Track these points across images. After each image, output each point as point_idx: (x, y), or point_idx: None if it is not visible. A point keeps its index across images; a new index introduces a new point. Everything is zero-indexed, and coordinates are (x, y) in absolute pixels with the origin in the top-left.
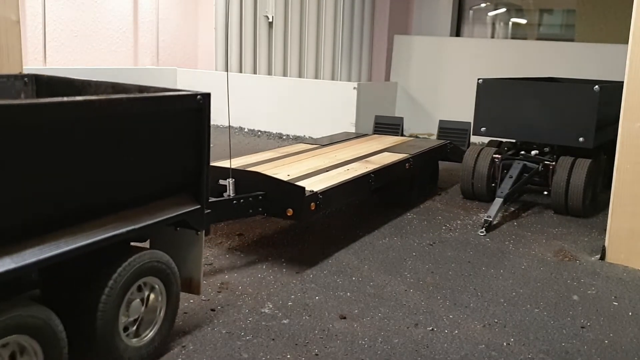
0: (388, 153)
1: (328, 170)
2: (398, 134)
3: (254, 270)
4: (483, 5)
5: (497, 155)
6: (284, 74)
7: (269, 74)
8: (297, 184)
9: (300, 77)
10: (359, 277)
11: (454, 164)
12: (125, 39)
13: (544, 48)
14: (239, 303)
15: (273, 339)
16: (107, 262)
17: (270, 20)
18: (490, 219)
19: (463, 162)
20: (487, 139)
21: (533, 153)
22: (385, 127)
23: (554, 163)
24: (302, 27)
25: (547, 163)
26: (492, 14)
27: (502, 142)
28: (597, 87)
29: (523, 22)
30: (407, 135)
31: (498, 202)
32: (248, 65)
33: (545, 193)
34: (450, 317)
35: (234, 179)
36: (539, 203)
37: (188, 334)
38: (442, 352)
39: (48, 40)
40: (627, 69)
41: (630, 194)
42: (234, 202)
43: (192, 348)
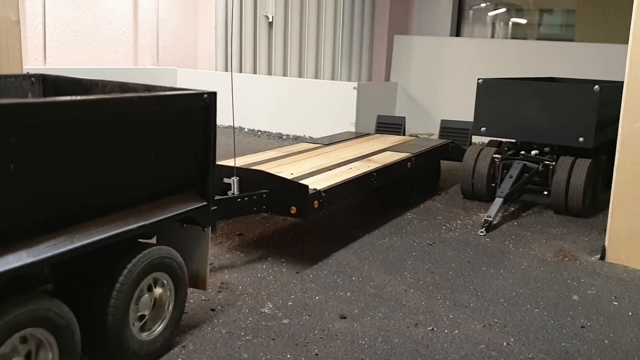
0: (390, 152)
1: (331, 169)
2: (400, 134)
3: (254, 270)
4: (483, 5)
5: (497, 155)
6: (284, 74)
7: (269, 74)
8: (300, 182)
9: (300, 77)
10: (359, 277)
11: (454, 164)
12: (125, 39)
13: (544, 48)
14: (239, 303)
15: (273, 339)
16: (117, 257)
17: (270, 20)
18: (490, 219)
19: (463, 162)
20: (487, 139)
21: (533, 153)
22: (388, 126)
23: (554, 163)
24: (302, 27)
25: (547, 163)
26: (492, 14)
27: (502, 142)
28: (597, 87)
29: (523, 22)
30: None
31: (498, 202)
32: (248, 65)
33: (545, 193)
34: (450, 317)
35: (239, 177)
36: (539, 203)
37: (188, 334)
38: (442, 352)
39: (48, 40)
40: (627, 69)
41: (630, 194)
42: (239, 200)
43: (192, 348)
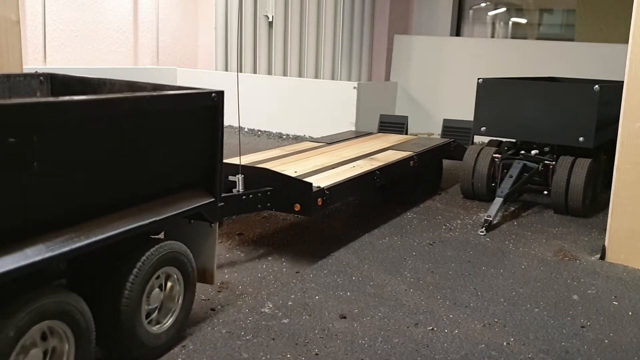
0: (393, 151)
1: (334, 168)
2: (403, 133)
3: (254, 270)
4: (483, 5)
5: (497, 155)
6: (284, 74)
7: (269, 74)
8: (304, 180)
9: (300, 77)
10: (359, 276)
11: (454, 164)
12: (125, 39)
13: (544, 48)
14: (239, 302)
15: (273, 339)
16: (130, 252)
17: (270, 20)
18: (490, 219)
19: (463, 161)
20: (487, 139)
21: (533, 153)
22: (390, 125)
23: (554, 163)
24: (302, 27)
25: (547, 163)
26: (492, 14)
27: (502, 141)
28: (597, 87)
29: (523, 21)
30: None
31: (498, 201)
32: (248, 65)
33: (545, 193)
34: (450, 316)
35: (243, 175)
36: (539, 203)
37: (188, 334)
38: (442, 351)
39: (48, 40)
40: (627, 69)
41: (630, 194)
42: (244, 197)
43: (192, 348)
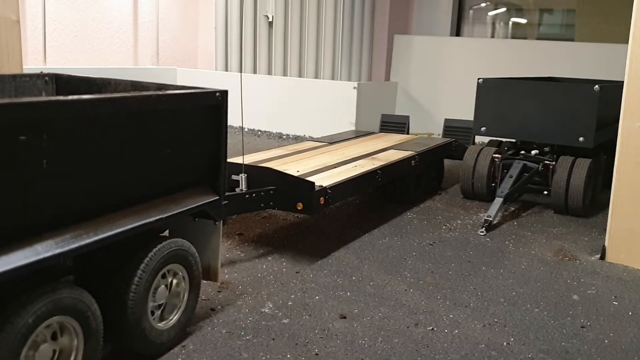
0: (394, 150)
1: (336, 167)
2: (404, 132)
3: (254, 270)
4: (483, 5)
5: (497, 155)
6: (284, 74)
7: (269, 74)
8: (306, 179)
9: (300, 77)
10: (359, 276)
11: (454, 164)
12: (125, 39)
13: (544, 48)
14: (239, 302)
15: (273, 339)
16: (137, 249)
17: (270, 20)
18: (490, 219)
19: (463, 161)
20: (488, 138)
21: (533, 153)
22: (391, 125)
23: (554, 163)
24: (302, 27)
25: (547, 163)
26: (492, 14)
27: (502, 141)
28: (597, 87)
29: (523, 21)
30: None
31: (498, 201)
32: (248, 65)
33: (545, 193)
34: (450, 316)
35: (246, 174)
36: (539, 203)
37: (188, 334)
38: (442, 351)
39: (48, 40)
40: (627, 69)
41: (630, 194)
42: (247, 196)
43: (192, 348)
